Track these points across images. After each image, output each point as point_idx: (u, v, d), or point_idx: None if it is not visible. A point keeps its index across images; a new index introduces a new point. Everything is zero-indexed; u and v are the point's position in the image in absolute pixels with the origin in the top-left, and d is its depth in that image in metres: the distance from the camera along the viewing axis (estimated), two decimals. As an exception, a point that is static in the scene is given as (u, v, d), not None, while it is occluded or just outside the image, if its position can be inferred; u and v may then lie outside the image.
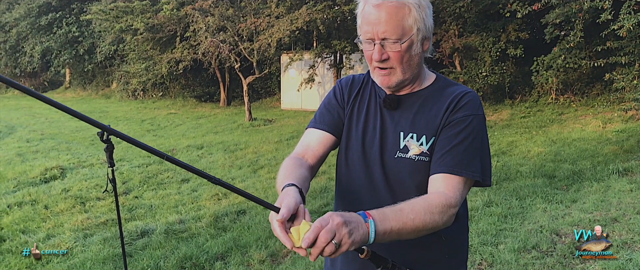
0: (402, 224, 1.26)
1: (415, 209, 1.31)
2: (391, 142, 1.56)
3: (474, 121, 1.50)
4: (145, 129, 14.13)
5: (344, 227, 1.14)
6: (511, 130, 10.65)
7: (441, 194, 1.39)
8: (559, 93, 12.73)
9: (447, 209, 1.36)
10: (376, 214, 1.24)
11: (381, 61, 1.49)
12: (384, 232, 1.23)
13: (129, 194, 6.84)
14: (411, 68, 1.52)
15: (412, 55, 1.50)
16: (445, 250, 1.62)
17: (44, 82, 30.65)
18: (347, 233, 1.14)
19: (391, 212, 1.27)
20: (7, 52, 27.18)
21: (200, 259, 4.44)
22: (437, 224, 1.33)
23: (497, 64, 12.98)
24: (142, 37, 17.10)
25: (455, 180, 1.44)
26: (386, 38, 1.45)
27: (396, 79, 1.52)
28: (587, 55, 11.10)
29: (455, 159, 1.45)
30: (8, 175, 7.91)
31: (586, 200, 5.34)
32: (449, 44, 13.20)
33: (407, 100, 1.59)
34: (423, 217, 1.30)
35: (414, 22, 1.46)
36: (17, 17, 25.70)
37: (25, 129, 14.15)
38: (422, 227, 1.30)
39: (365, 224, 1.20)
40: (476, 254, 4.16)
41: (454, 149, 1.46)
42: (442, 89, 1.58)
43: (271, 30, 12.93)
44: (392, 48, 1.47)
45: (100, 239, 5.00)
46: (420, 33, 1.48)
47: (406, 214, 1.28)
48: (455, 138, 1.48)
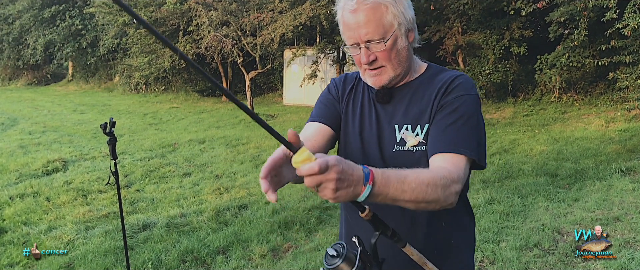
0: (400, 192, 1.20)
1: (419, 178, 1.24)
2: (388, 136, 1.56)
3: (467, 101, 1.49)
4: (148, 122, 14.13)
5: (334, 183, 1.07)
6: (514, 129, 10.63)
7: (444, 168, 1.35)
8: (562, 92, 12.69)
9: (450, 184, 1.30)
10: (380, 177, 1.16)
11: (370, 63, 1.49)
12: (377, 196, 1.17)
13: (130, 187, 6.85)
14: (401, 63, 1.52)
15: (399, 50, 1.50)
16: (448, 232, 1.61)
17: (47, 75, 30.64)
18: (333, 189, 1.07)
19: (395, 178, 1.20)
20: (10, 44, 27.17)
21: (202, 252, 4.44)
22: (438, 198, 1.27)
23: (500, 62, 12.95)
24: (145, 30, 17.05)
25: (455, 158, 1.41)
26: (369, 40, 1.46)
27: (388, 76, 1.52)
28: (591, 54, 11.07)
29: (452, 138, 1.43)
30: (10, 167, 7.92)
31: (588, 199, 5.34)
32: (452, 41, 13.17)
33: (399, 92, 1.58)
34: (425, 189, 1.24)
35: (394, 17, 1.46)
36: (20, 9, 25.69)
37: (28, 121, 14.17)
38: (421, 199, 1.24)
39: (362, 187, 1.13)
40: (478, 252, 4.15)
41: (450, 128, 1.45)
42: (433, 77, 1.58)
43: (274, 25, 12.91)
44: (377, 48, 1.47)
45: (101, 231, 5.01)
46: (402, 27, 1.48)
47: (408, 183, 1.22)
48: (450, 117, 1.46)
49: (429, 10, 13.19)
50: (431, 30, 13.70)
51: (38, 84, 29.52)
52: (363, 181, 1.13)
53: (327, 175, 1.06)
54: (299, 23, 12.44)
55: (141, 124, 13.71)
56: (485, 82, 12.96)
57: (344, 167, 1.09)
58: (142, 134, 11.83)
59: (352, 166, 1.11)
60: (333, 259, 1.23)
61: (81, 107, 17.81)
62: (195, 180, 7.13)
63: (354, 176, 1.11)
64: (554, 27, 10.23)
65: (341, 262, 1.21)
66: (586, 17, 9.40)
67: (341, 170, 1.08)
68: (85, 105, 18.62)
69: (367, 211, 1.22)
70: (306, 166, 1.06)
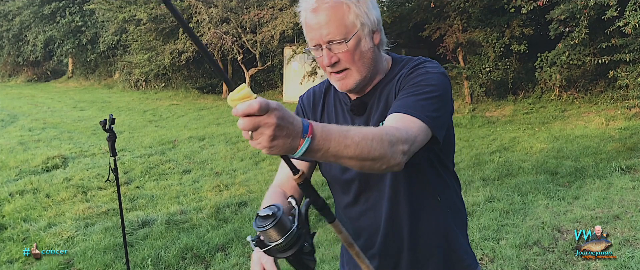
0: (343, 147, 1.10)
1: (362, 132, 1.15)
2: None
3: (433, 75, 1.43)
4: (147, 119, 14.12)
5: (272, 128, 0.97)
6: (514, 126, 10.62)
7: (392, 127, 1.28)
8: (562, 90, 12.68)
9: (396, 141, 1.21)
10: (320, 130, 1.07)
11: (332, 65, 1.45)
12: (317, 151, 1.07)
13: (130, 184, 6.84)
14: (366, 65, 1.47)
15: (363, 51, 1.45)
16: (445, 210, 1.62)
17: (47, 71, 30.60)
18: (270, 136, 0.97)
19: (337, 132, 1.11)
20: (10, 40, 27.13)
21: (201, 249, 4.44)
22: (384, 154, 1.17)
23: (500, 60, 12.93)
24: (145, 27, 17.06)
25: (407, 119, 1.33)
26: (331, 40, 1.41)
27: (353, 80, 1.47)
28: (592, 52, 11.06)
29: (408, 103, 1.37)
30: (10, 163, 7.92)
31: (588, 197, 5.33)
32: (452, 38, 13.14)
33: (371, 99, 1.55)
34: (369, 143, 1.14)
35: (356, 17, 1.41)
36: (21, 5, 25.65)
37: (28, 117, 14.16)
38: (366, 154, 1.14)
39: (301, 139, 1.03)
40: (477, 249, 4.15)
41: (410, 95, 1.39)
42: (399, 69, 1.53)
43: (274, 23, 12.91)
44: (339, 49, 1.42)
45: (101, 228, 5.01)
46: (365, 27, 1.43)
47: (351, 137, 1.12)
48: (411, 88, 1.41)
49: (430, 8, 13.17)
50: (431, 28, 13.68)
51: (38, 80, 29.49)
52: (301, 133, 1.03)
53: (267, 119, 0.96)
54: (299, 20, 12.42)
55: (141, 121, 13.71)
56: (486, 79, 12.95)
57: (285, 114, 0.99)
58: (141, 130, 11.82)
59: (293, 115, 1.02)
60: (265, 220, 1.10)
61: (81, 104, 17.80)
62: (195, 177, 7.13)
63: (294, 126, 1.01)
64: (555, 25, 10.21)
65: (272, 226, 1.10)
66: (587, 15, 9.39)
67: (282, 116, 0.98)
68: (85, 101, 18.61)
69: (299, 174, 1.10)
70: (245, 104, 0.95)
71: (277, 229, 1.10)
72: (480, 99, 13.70)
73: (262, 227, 1.10)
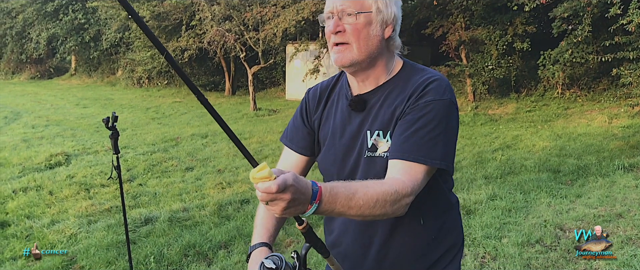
0: (347, 208, 1.23)
1: (367, 195, 1.25)
2: (361, 142, 1.54)
3: (438, 106, 1.43)
4: (150, 116, 14.15)
5: (286, 202, 1.10)
6: (516, 124, 10.61)
7: (398, 181, 1.33)
8: (565, 87, 12.66)
9: (400, 198, 1.30)
10: (327, 195, 1.19)
11: (336, 33, 1.47)
12: (323, 212, 1.20)
13: (133, 182, 6.86)
14: (368, 48, 1.47)
15: (370, 35, 1.46)
16: (428, 235, 1.58)
17: (50, 69, 30.67)
18: (283, 208, 1.11)
19: (343, 194, 1.22)
20: (13, 38, 27.19)
21: (204, 247, 4.45)
22: (385, 213, 1.29)
23: (503, 58, 12.91)
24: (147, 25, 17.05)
25: (414, 168, 1.37)
26: (344, 10, 1.45)
27: (350, 56, 1.47)
28: (595, 49, 11.03)
29: (416, 145, 1.39)
30: (13, 160, 7.95)
31: (591, 196, 5.33)
32: (455, 36, 13.12)
33: (372, 98, 1.55)
34: (373, 205, 1.25)
35: (374, 1, 1.46)
36: (24, 3, 25.71)
37: (31, 115, 14.20)
38: (367, 214, 1.26)
39: (309, 205, 1.16)
40: (479, 247, 4.16)
41: (415, 134, 1.40)
42: (407, 78, 1.53)
43: (277, 20, 12.89)
44: (348, 20, 1.45)
45: (104, 225, 5.02)
46: (380, 14, 1.46)
47: (356, 200, 1.23)
48: (416, 123, 1.41)
49: (432, 5, 13.15)
50: (434, 26, 13.66)
51: (41, 77, 29.55)
52: (310, 200, 1.15)
53: (282, 195, 1.09)
54: (302, 18, 12.42)
55: (144, 118, 13.73)
56: (488, 77, 12.93)
57: (298, 187, 1.11)
58: (144, 128, 11.84)
59: (305, 186, 1.14)
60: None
61: (84, 101, 17.83)
62: (198, 175, 7.14)
63: (304, 196, 1.13)
64: (558, 22, 10.18)
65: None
66: (590, 12, 9.36)
67: (296, 190, 1.10)
68: (87, 99, 18.64)
69: (304, 224, 1.26)
70: (264, 185, 1.07)
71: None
72: (483, 97, 13.68)
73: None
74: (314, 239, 1.32)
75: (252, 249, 1.59)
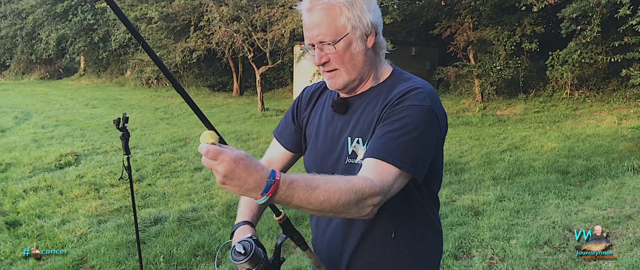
0: (305, 203, 1.16)
1: (329, 190, 1.18)
2: (340, 148, 1.54)
3: (415, 111, 1.38)
4: (159, 117, 14.22)
5: (220, 176, 1.07)
6: (524, 125, 10.58)
7: (366, 180, 1.26)
8: (573, 88, 12.61)
9: (367, 197, 1.23)
10: (284, 189, 1.12)
11: (323, 64, 1.48)
12: (277, 202, 1.15)
13: (142, 182, 6.90)
14: (356, 67, 1.48)
15: (354, 54, 1.46)
16: (399, 248, 1.55)
17: (59, 69, 30.89)
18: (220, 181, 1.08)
19: (303, 188, 1.15)
20: (23, 38, 27.41)
21: (213, 246, 4.48)
22: (348, 211, 1.22)
23: (511, 58, 12.88)
24: (156, 25, 17.17)
25: (384, 168, 1.32)
26: (322, 41, 1.44)
27: (342, 80, 1.49)
28: (604, 50, 10.99)
29: (387, 145, 1.35)
30: (24, 160, 8.01)
31: (600, 197, 5.31)
32: (463, 37, 13.11)
33: (356, 102, 1.55)
34: (335, 202, 1.18)
35: (347, 20, 1.43)
36: (34, 4, 25.90)
37: (41, 115, 14.30)
38: (328, 209, 1.19)
39: (259, 195, 1.10)
40: (487, 249, 4.16)
41: (388, 136, 1.36)
42: (392, 86, 1.51)
43: (285, 21, 12.93)
44: (329, 50, 1.45)
45: (114, 225, 5.06)
46: (357, 30, 1.44)
47: (316, 196, 1.17)
48: (391, 125, 1.38)
49: (440, 6, 13.14)
50: (442, 26, 13.65)
51: (50, 78, 29.76)
52: (261, 191, 1.10)
53: (216, 165, 1.07)
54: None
55: (152, 119, 13.80)
56: (496, 78, 12.90)
57: (239, 170, 1.07)
58: (153, 128, 11.90)
59: (252, 171, 1.08)
60: (239, 255, 1.32)
61: (93, 102, 17.94)
62: (206, 175, 7.17)
63: (248, 181, 1.08)
64: (566, 23, 10.15)
65: (246, 260, 1.31)
66: (599, 13, 9.32)
67: (231, 170, 1.06)
68: (97, 99, 18.76)
69: (281, 216, 1.28)
70: (203, 146, 1.08)
71: (250, 262, 1.33)
72: (491, 98, 13.65)
73: (237, 260, 1.33)
74: (292, 231, 1.34)
75: (235, 228, 1.63)
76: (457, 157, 7.78)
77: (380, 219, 1.50)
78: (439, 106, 1.45)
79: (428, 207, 1.57)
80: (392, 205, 1.46)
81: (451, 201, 5.58)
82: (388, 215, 1.51)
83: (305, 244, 1.37)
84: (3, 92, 21.90)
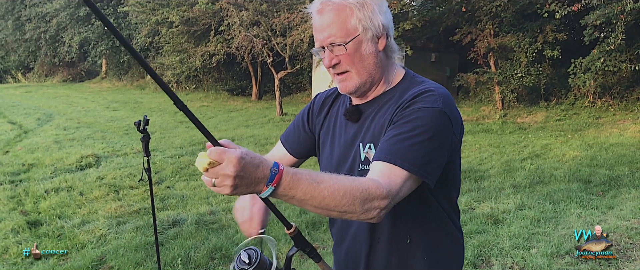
0: (309, 197, 1.14)
1: (335, 186, 1.16)
2: (353, 155, 1.53)
3: (426, 113, 1.36)
4: (178, 120, 14.32)
5: (231, 179, 1.04)
6: (546, 133, 10.44)
7: (373, 181, 1.24)
8: (596, 96, 12.41)
9: (373, 199, 1.20)
10: (288, 180, 1.11)
11: (333, 66, 1.47)
12: (281, 196, 1.13)
13: (161, 184, 6.95)
14: (367, 69, 1.46)
15: (364, 55, 1.45)
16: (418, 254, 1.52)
17: (82, 72, 31.38)
18: (231, 186, 1.05)
19: (307, 181, 1.14)
20: (47, 41, 27.92)
21: (230, 250, 4.48)
22: (353, 210, 1.19)
23: (533, 65, 12.73)
24: (177, 29, 17.33)
25: (392, 171, 1.29)
26: (332, 42, 1.43)
27: (353, 83, 1.48)
28: (628, 58, 10.80)
29: (395, 147, 1.32)
30: (46, 161, 8.13)
31: (623, 207, 5.21)
32: (484, 43, 12.99)
33: (368, 108, 1.53)
34: (339, 199, 1.16)
35: (358, 21, 1.42)
36: (58, 7, 26.36)
37: (63, 117, 14.52)
38: (332, 207, 1.17)
39: (264, 186, 1.09)
40: (508, 257, 4.10)
41: (397, 138, 1.34)
42: (404, 90, 1.49)
43: (304, 26, 12.95)
44: (339, 51, 1.44)
45: (132, 226, 5.10)
46: (368, 32, 1.43)
47: (320, 190, 1.14)
48: (401, 127, 1.35)
49: (461, 12, 13.05)
50: (462, 32, 13.56)
51: (73, 80, 30.25)
52: (266, 181, 1.09)
53: (222, 168, 1.04)
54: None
55: (172, 122, 13.92)
56: (517, 85, 12.76)
57: (247, 164, 1.06)
58: (172, 131, 12.00)
59: (258, 163, 1.08)
60: (244, 264, 1.26)
61: (114, 104, 18.17)
62: (224, 179, 7.20)
63: (257, 174, 1.07)
64: (590, 30, 10.01)
65: (251, 269, 1.25)
66: (623, 20, 9.17)
67: (242, 166, 1.05)
68: (117, 102, 18.99)
69: (293, 229, 1.25)
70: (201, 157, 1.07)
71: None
72: (512, 105, 13.50)
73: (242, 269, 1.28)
74: (304, 244, 1.30)
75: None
76: (476, 165, 7.70)
77: (395, 224, 1.49)
78: (453, 109, 1.42)
79: (446, 213, 1.54)
80: (407, 210, 1.46)
81: (470, 209, 5.52)
82: (403, 221, 1.50)
83: (319, 256, 1.34)
84: (27, 94, 22.31)
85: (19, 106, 17.06)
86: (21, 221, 5.27)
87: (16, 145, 9.88)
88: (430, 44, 17.42)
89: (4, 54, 31.86)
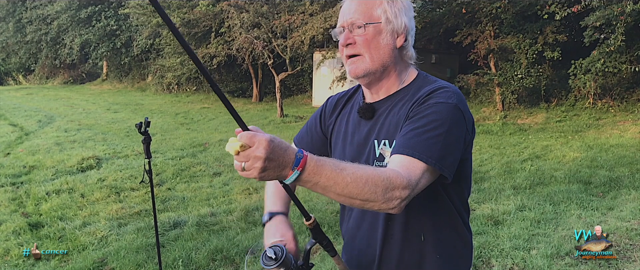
0: (332, 183, 1.17)
1: (357, 173, 1.19)
2: (368, 151, 1.54)
3: (441, 108, 1.38)
4: (179, 122, 14.35)
5: (261, 161, 1.08)
6: (546, 134, 10.45)
7: (393, 171, 1.26)
8: (596, 97, 12.42)
9: (394, 188, 1.22)
10: (313, 165, 1.15)
11: (347, 45, 1.50)
12: (306, 182, 1.17)
13: (162, 186, 6.97)
14: (380, 58, 1.49)
15: (381, 44, 1.49)
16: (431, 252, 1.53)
17: (82, 74, 31.42)
18: (260, 168, 1.09)
19: (330, 168, 1.17)
20: (48, 43, 27.97)
21: (231, 251, 4.49)
22: (375, 198, 1.21)
23: (533, 67, 12.74)
24: (177, 31, 17.34)
25: (411, 163, 1.31)
26: (353, 23, 1.49)
27: (364, 67, 1.50)
28: (628, 59, 10.81)
29: (413, 141, 1.34)
30: (47, 163, 8.15)
31: (623, 208, 5.21)
32: (484, 44, 13.01)
33: (382, 106, 1.56)
34: (361, 186, 1.19)
35: (383, 12, 1.48)
36: (59, 9, 26.41)
37: (64, 119, 14.54)
38: (355, 195, 1.19)
39: (289, 170, 1.13)
40: (508, 259, 4.10)
41: (414, 131, 1.36)
42: (418, 88, 1.51)
43: (305, 28, 12.97)
44: (358, 32, 1.48)
45: (134, 228, 5.11)
46: (389, 24, 1.48)
47: (343, 177, 1.17)
48: (418, 121, 1.38)
49: (461, 14, 13.07)
50: (463, 34, 13.57)
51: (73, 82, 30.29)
52: (292, 165, 1.13)
53: (253, 151, 1.08)
54: (329, 25, 12.46)
55: (173, 124, 13.93)
56: (518, 86, 12.76)
57: (276, 148, 1.10)
58: (173, 133, 12.01)
59: (285, 147, 1.12)
60: (270, 260, 1.30)
61: (115, 106, 18.19)
62: (225, 180, 7.21)
63: (285, 158, 1.12)
64: (590, 31, 10.02)
65: (276, 265, 1.30)
66: (623, 21, 9.19)
67: (271, 147, 1.09)
68: (118, 104, 19.01)
69: (312, 220, 1.28)
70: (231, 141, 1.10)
71: (281, 268, 1.32)
72: (512, 106, 13.51)
73: (268, 265, 1.32)
74: (321, 236, 1.34)
75: (270, 217, 1.61)
76: (477, 166, 7.71)
77: (408, 221, 1.51)
78: (466, 106, 1.45)
79: (457, 211, 1.56)
80: (421, 207, 1.48)
81: (471, 210, 5.52)
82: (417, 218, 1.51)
83: (334, 249, 1.37)
84: (28, 96, 22.34)
85: (20, 108, 17.08)
86: (22, 223, 5.28)
87: (17, 147, 9.90)
88: (430, 46, 17.45)
89: (5, 56, 31.92)
